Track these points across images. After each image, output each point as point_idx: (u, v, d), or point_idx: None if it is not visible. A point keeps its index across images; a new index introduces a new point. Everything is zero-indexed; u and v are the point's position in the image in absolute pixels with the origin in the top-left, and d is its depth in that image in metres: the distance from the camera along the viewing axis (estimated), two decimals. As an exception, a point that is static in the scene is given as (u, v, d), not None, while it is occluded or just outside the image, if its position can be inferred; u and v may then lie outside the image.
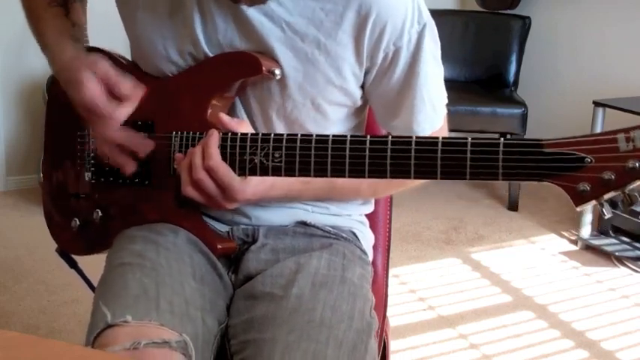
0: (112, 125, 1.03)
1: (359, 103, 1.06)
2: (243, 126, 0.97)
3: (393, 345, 2.02)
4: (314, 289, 0.97)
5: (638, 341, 2.16)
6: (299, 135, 0.90)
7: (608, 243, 2.78)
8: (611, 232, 2.83)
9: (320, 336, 0.89)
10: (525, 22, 3.49)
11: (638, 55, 3.09)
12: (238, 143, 0.94)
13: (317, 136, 0.89)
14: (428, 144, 0.84)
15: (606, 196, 0.79)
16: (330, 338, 0.89)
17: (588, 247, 2.83)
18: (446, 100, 1.07)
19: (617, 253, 2.72)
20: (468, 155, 0.82)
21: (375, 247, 1.21)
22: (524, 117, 3.16)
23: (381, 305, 1.21)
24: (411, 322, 2.25)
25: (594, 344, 2.14)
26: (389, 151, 0.86)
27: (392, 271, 2.44)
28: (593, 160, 0.78)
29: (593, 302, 2.42)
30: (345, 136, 0.88)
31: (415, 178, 0.86)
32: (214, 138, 0.94)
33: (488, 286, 2.53)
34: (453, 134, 0.90)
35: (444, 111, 1.08)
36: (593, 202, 0.80)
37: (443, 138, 0.84)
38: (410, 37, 0.98)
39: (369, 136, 0.87)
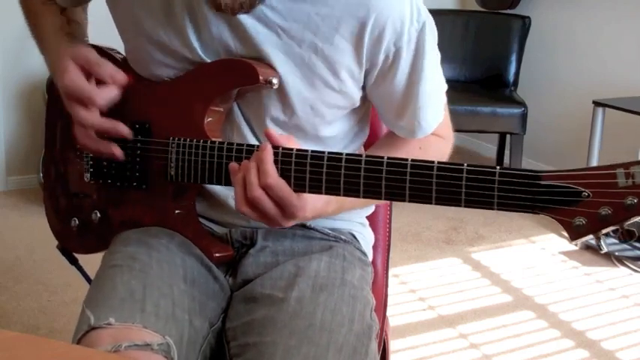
0: (92, 108, 0.98)
1: (357, 104, 1.05)
2: (291, 141, 0.91)
3: (393, 345, 2.02)
4: (314, 293, 0.97)
5: (638, 341, 2.17)
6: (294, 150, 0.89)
7: (608, 243, 2.78)
8: (611, 232, 2.82)
9: (320, 340, 0.89)
10: (525, 22, 3.49)
11: (638, 55, 3.09)
12: (294, 159, 0.89)
13: (312, 151, 0.88)
14: (423, 168, 0.83)
15: (604, 231, 0.77)
16: (331, 342, 0.89)
17: (588, 247, 2.83)
18: (445, 87, 1.06)
19: (617, 253, 2.72)
20: (464, 182, 0.81)
21: (375, 247, 1.21)
22: (524, 117, 3.17)
23: (381, 305, 1.21)
24: (411, 322, 2.25)
25: (594, 344, 2.14)
26: (384, 172, 0.85)
27: (392, 271, 2.45)
28: (591, 195, 0.75)
29: (593, 302, 2.42)
30: (341, 154, 0.87)
31: (410, 201, 0.84)
32: (268, 153, 0.88)
33: (488, 286, 2.53)
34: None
35: (445, 99, 1.07)
36: (590, 236, 0.77)
37: (439, 163, 0.82)
38: (410, 37, 0.96)
39: (364, 155, 0.86)
